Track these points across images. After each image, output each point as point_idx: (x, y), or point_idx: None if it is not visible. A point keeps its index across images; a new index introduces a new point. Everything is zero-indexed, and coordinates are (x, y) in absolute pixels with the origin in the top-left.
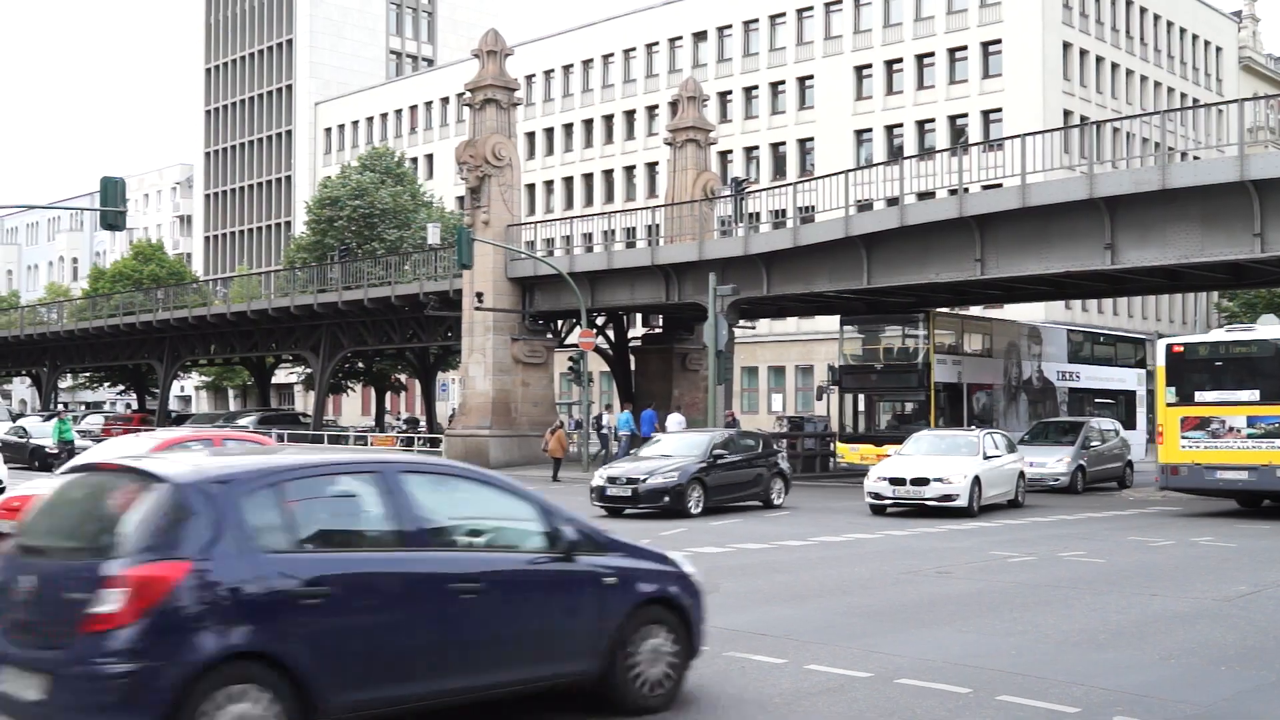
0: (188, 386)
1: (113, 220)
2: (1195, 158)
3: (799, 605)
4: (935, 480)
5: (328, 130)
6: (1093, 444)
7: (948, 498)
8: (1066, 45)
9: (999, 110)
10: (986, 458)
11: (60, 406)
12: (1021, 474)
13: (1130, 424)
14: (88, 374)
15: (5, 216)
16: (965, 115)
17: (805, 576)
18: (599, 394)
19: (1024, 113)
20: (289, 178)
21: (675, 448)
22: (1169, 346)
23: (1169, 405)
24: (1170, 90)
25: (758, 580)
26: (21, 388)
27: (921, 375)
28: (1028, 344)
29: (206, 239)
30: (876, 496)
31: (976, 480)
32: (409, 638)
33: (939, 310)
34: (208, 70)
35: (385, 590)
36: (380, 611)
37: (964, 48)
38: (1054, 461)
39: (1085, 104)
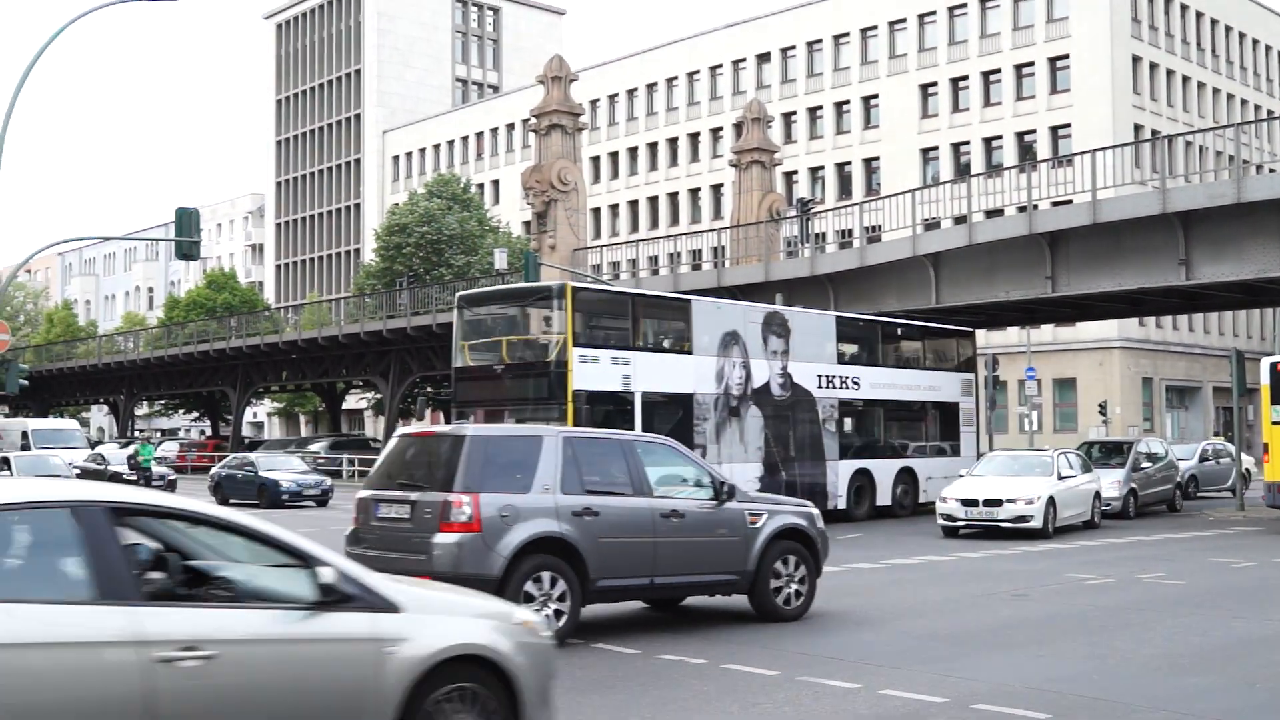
0: (260, 413)
1: (187, 250)
2: (1271, 170)
3: (873, 629)
4: (1009, 501)
5: (395, 158)
6: (1143, 466)
7: (1022, 519)
8: (1136, 59)
9: (1067, 126)
10: (1061, 478)
11: (138, 433)
12: (1097, 494)
13: (956, 449)
14: (163, 401)
15: (84, 248)
16: (1033, 131)
17: (878, 600)
18: None
19: (1093, 128)
20: (358, 205)
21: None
22: (1273, 365)
23: (1275, 424)
24: (1244, 102)
25: (830, 604)
26: (99, 415)
27: (554, 380)
28: (763, 335)
29: (278, 267)
30: (949, 518)
31: (1051, 501)
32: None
33: (580, 286)
34: (278, 101)
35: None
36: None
37: (1031, 63)
38: (1106, 485)
39: (1156, 118)
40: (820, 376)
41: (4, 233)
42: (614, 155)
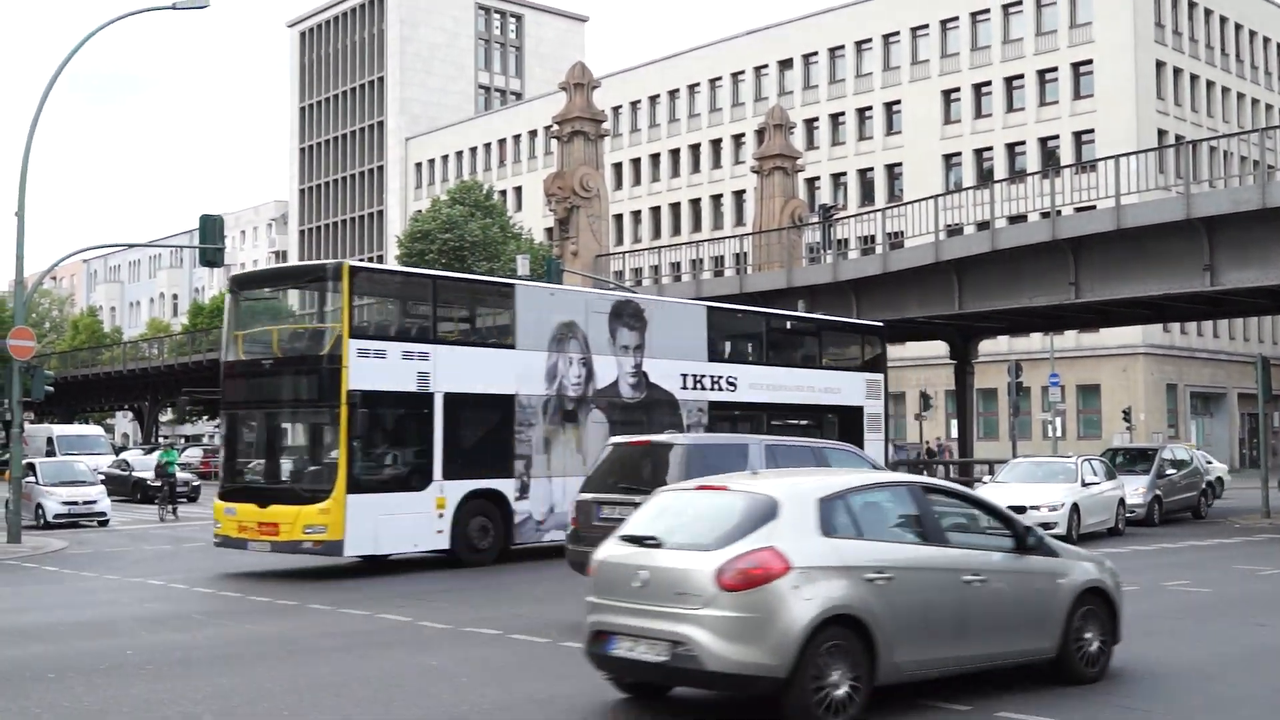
0: None
1: (211, 257)
2: None
3: None
4: (1032, 508)
5: (418, 165)
6: (1168, 472)
7: (1045, 526)
8: (1159, 64)
9: (1091, 131)
10: (1085, 485)
11: (162, 439)
12: (1122, 501)
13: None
14: (187, 408)
15: (109, 255)
16: (1056, 137)
17: None
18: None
19: (1117, 133)
20: (381, 212)
21: None
22: None
23: None
24: (1268, 107)
25: None
26: (124, 421)
27: (324, 378)
28: (611, 328)
29: None
30: None
31: (1075, 508)
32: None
33: (362, 265)
34: (301, 109)
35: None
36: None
37: (1054, 69)
38: (1130, 491)
39: (1180, 123)
40: (686, 376)
41: (30, 240)
42: (636, 162)
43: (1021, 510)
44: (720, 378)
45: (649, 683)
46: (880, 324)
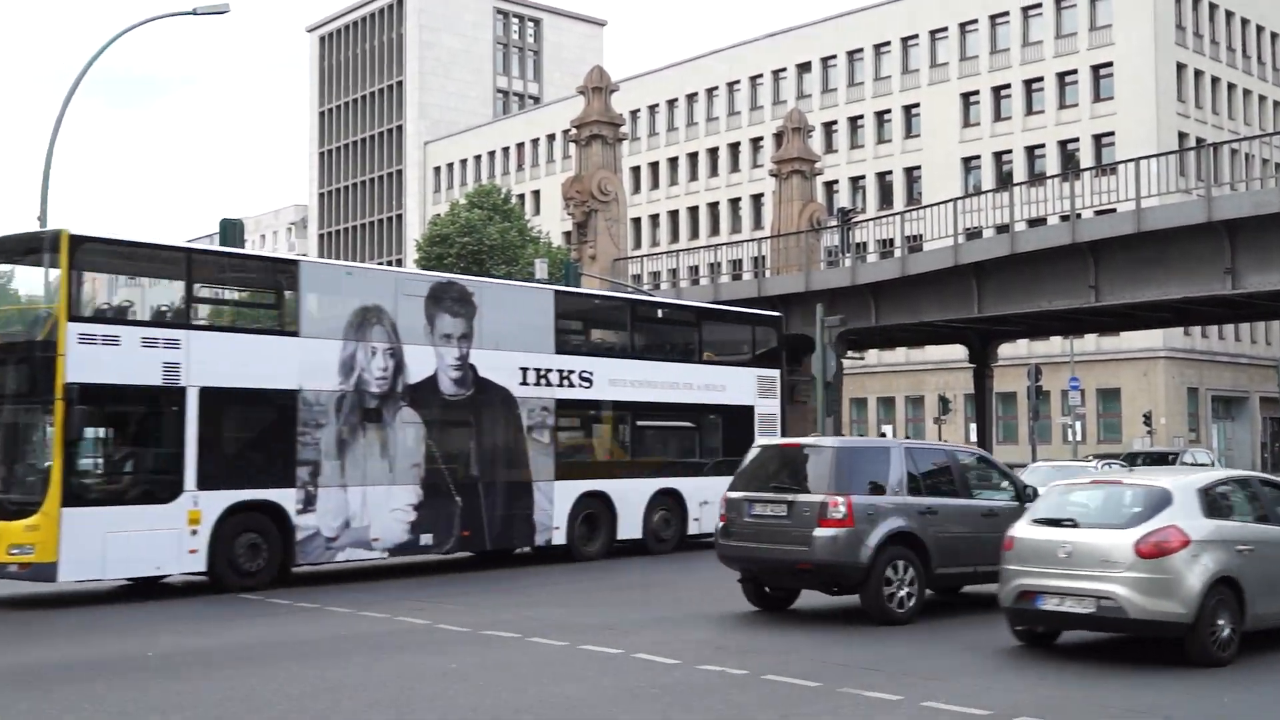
0: None
1: None
2: None
3: (915, 640)
4: None
5: (437, 169)
6: None
7: None
8: (1180, 66)
9: (1111, 134)
10: None
11: None
12: None
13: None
14: None
15: None
16: (1076, 140)
17: (923, 611)
18: None
19: (1137, 136)
20: (400, 216)
21: None
22: None
23: None
24: None
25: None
26: None
27: (37, 369)
28: (428, 313)
29: None
30: None
31: None
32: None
33: (87, 235)
34: (321, 114)
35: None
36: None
37: (1074, 71)
38: None
39: (1201, 125)
40: (527, 370)
41: None
42: (654, 165)
43: None
44: (571, 372)
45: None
46: (777, 315)
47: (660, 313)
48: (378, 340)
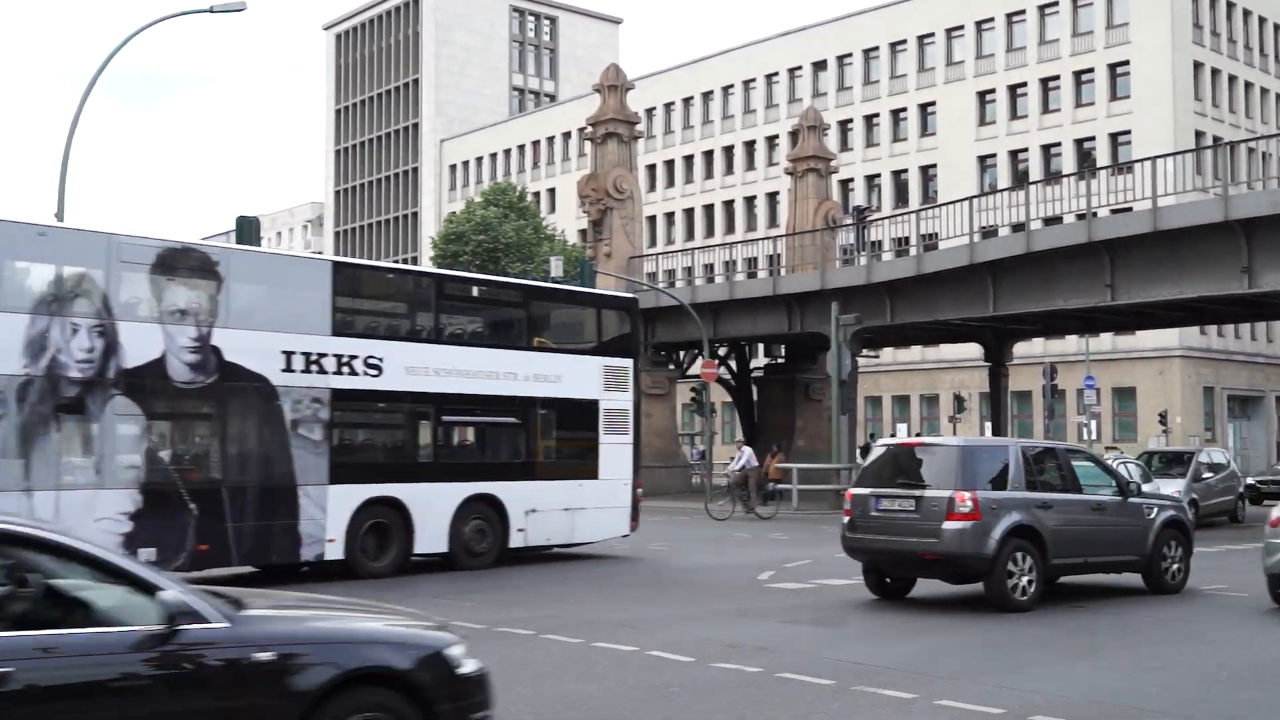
0: None
1: None
2: None
3: (928, 638)
4: None
5: (453, 167)
6: (1204, 476)
7: None
8: (1197, 65)
9: (1127, 132)
10: None
11: None
12: None
13: (589, 468)
14: None
15: None
16: (1092, 138)
17: (934, 608)
18: (721, 424)
19: (1153, 135)
20: (415, 214)
21: None
22: None
23: None
24: None
25: (885, 613)
26: None
27: None
28: (153, 284)
29: None
30: None
31: None
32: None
33: None
34: (337, 111)
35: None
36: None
37: (1090, 70)
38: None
39: (1218, 124)
40: (293, 354)
41: None
42: (670, 163)
43: None
44: (353, 358)
45: None
46: (630, 296)
47: (476, 290)
48: (81, 315)
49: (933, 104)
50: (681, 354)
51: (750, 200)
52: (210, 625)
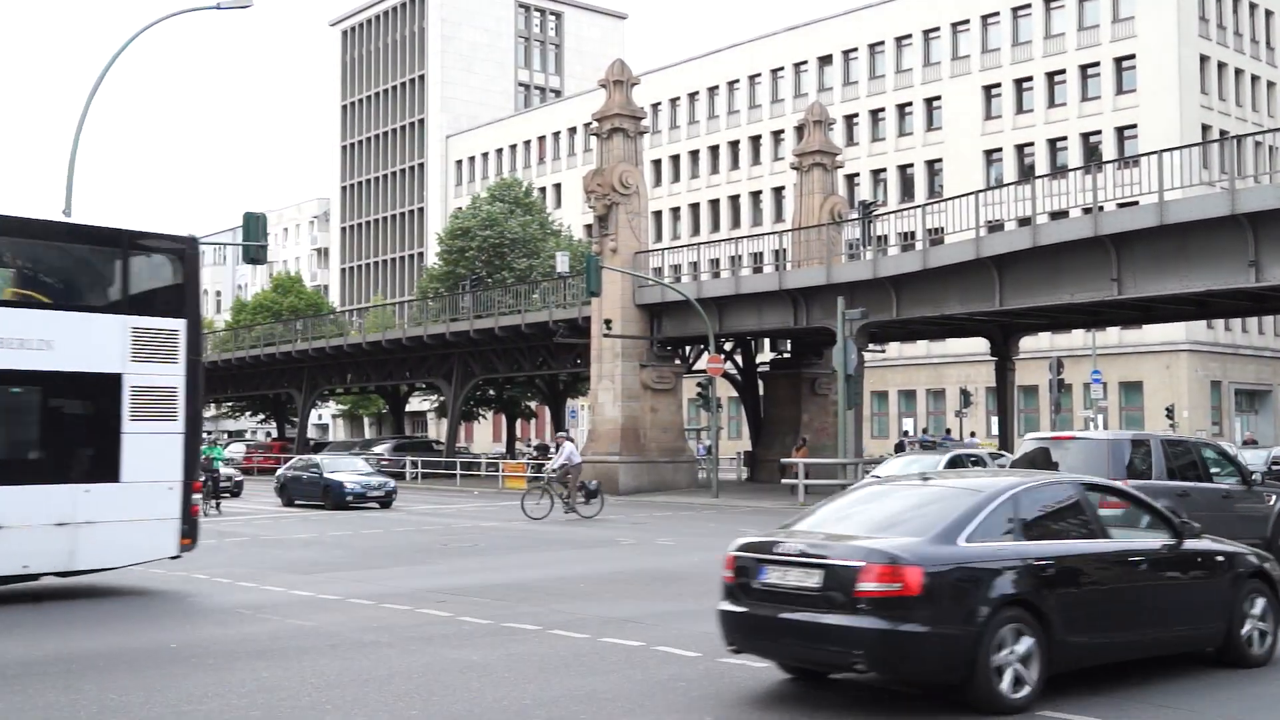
0: (325, 415)
1: (254, 254)
2: None
3: None
4: None
5: (459, 162)
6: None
7: None
8: (1203, 58)
9: (1134, 126)
10: None
11: (205, 434)
12: None
13: (104, 467)
14: (230, 403)
15: None
16: (1099, 132)
17: None
18: (727, 419)
19: (1160, 128)
20: (421, 210)
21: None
22: None
23: None
24: None
25: None
26: None
27: None
28: None
29: (343, 270)
30: None
31: None
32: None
33: None
34: (344, 107)
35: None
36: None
37: (1096, 64)
38: None
39: (1224, 118)
40: None
41: None
42: (675, 158)
43: None
44: None
45: None
46: (186, 235)
47: None
48: None
49: (938, 98)
50: (687, 349)
51: (756, 195)
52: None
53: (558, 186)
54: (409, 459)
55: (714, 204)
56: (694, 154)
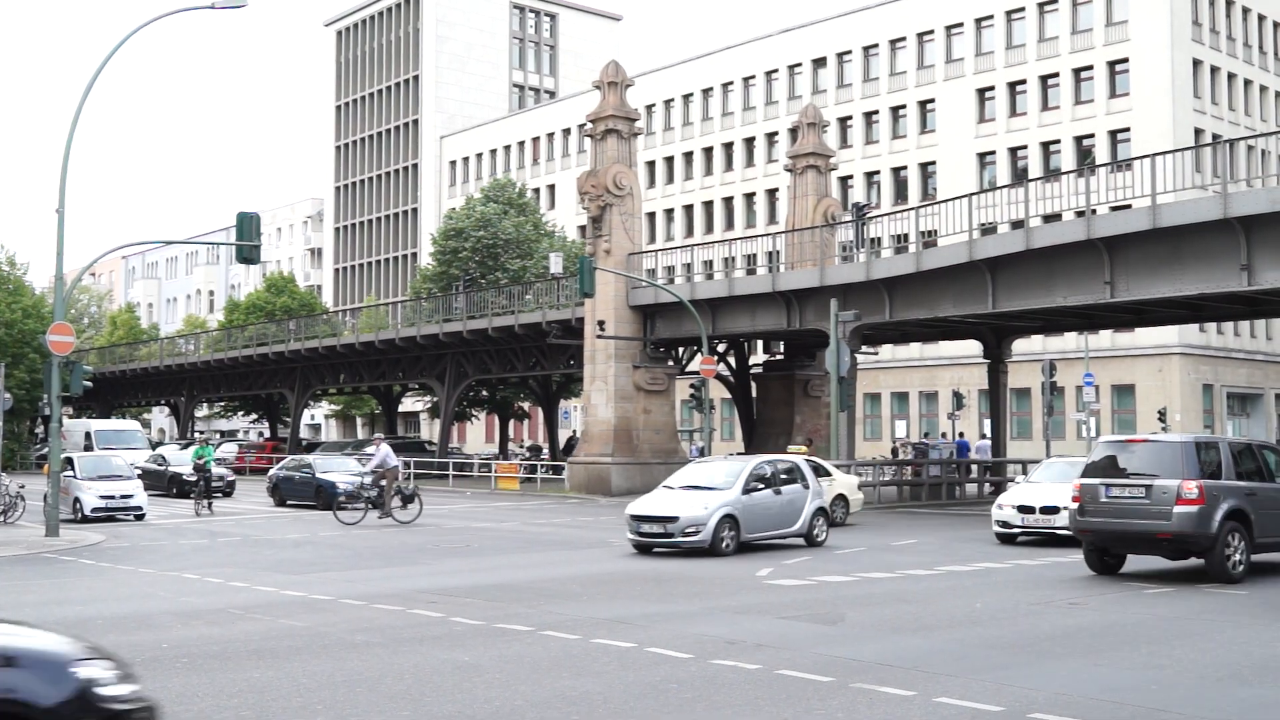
0: (318, 415)
1: (248, 254)
2: None
3: (926, 635)
4: (1065, 508)
5: (452, 163)
6: None
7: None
8: (1196, 62)
9: (1127, 130)
10: None
11: (197, 434)
12: None
13: None
14: (223, 403)
15: (146, 252)
16: (1092, 136)
17: (932, 606)
18: (720, 421)
19: (1153, 132)
20: (415, 210)
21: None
22: None
23: None
24: None
25: (884, 610)
26: (160, 417)
27: None
28: None
29: (336, 271)
30: (1005, 525)
31: None
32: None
33: None
34: (338, 107)
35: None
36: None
37: (1089, 67)
38: None
39: (1217, 121)
40: None
41: (69, 236)
42: (669, 160)
43: (1053, 510)
44: None
45: None
46: None
47: None
48: None
49: (932, 101)
50: (681, 350)
51: (750, 197)
52: None
53: (551, 187)
54: (401, 459)
55: (708, 205)
56: (688, 155)
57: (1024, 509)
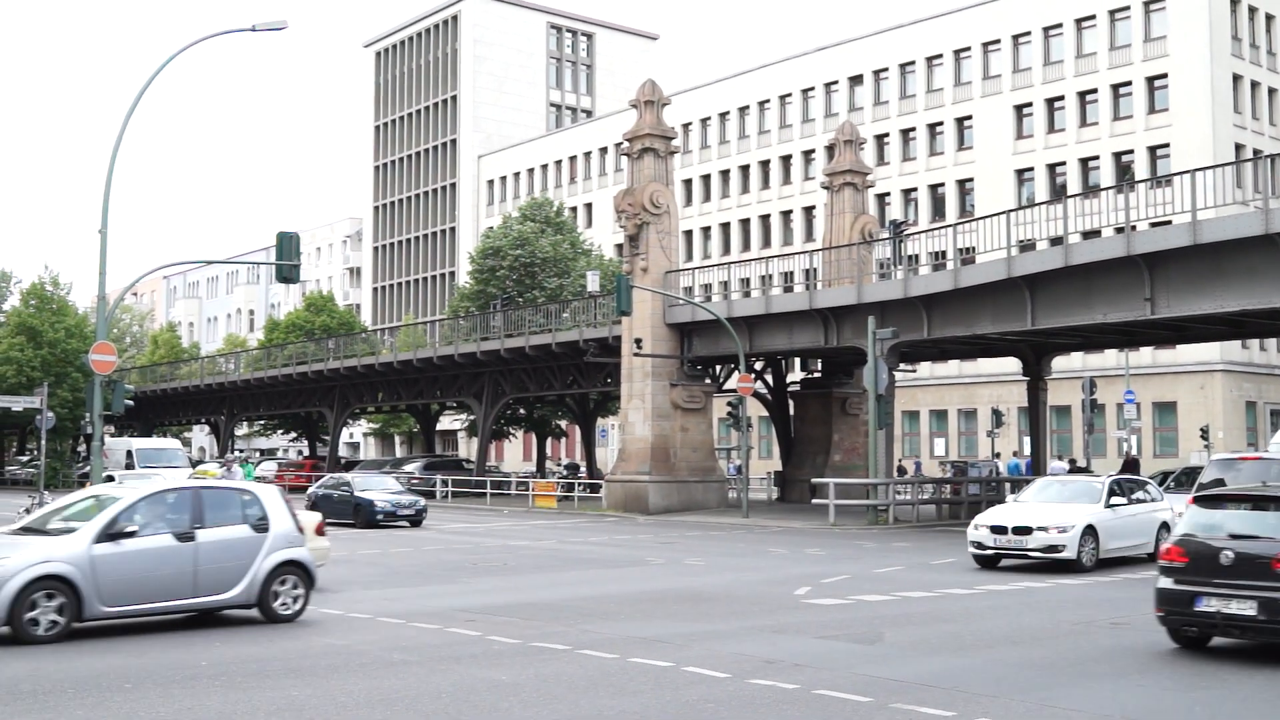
0: (356, 433)
1: (287, 273)
2: None
3: (966, 655)
4: (1039, 530)
5: (490, 182)
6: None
7: (1053, 549)
8: (1236, 77)
9: (1166, 146)
10: (1110, 505)
11: (237, 453)
12: (1165, 524)
13: None
14: (262, 421)
15: (188, 271)
16: (1131, 151)
17: (972, 625)
18: (758, 439)
19: (1192, 147)
20: (453, 229)
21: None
22: None
23: None
24: None
25: (923, 629)
26: (200, 435)
27: None
28: None
29: (375, 290)
30: (979, 546)
31: (1090, 530)
32: None
33: None
34: (376, 127)
35: None
36: None
37: (1128, 83)
38: (1177, 513)
39: (1258, 136)
40: None
41: (112, 257)
42: (706, 178)
43: (1027, 531)
44: None
45: None
46: None
47: None
48: None
49: (969, 118)
50: (718, 368)
51: (786, 215)
52: None
53: (589, 206)
54: (439, 477)
55: (744, 223)
56: (724, 173)
57: (997, 529)
